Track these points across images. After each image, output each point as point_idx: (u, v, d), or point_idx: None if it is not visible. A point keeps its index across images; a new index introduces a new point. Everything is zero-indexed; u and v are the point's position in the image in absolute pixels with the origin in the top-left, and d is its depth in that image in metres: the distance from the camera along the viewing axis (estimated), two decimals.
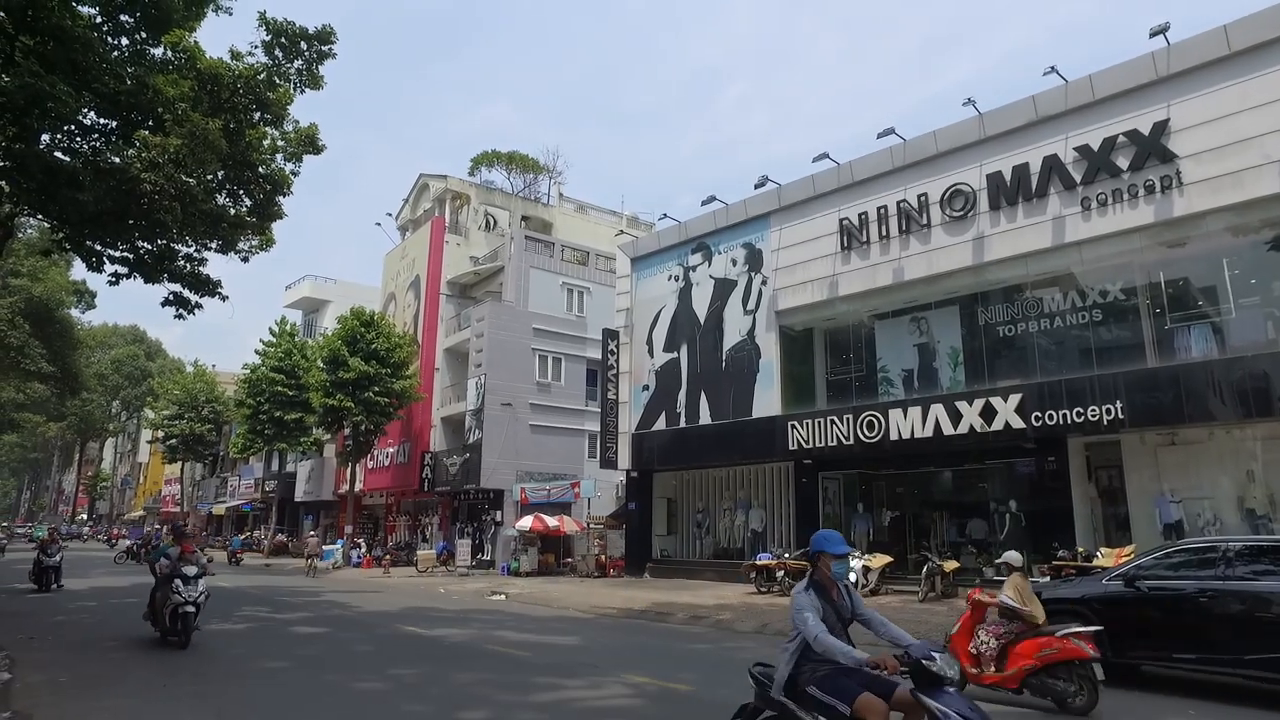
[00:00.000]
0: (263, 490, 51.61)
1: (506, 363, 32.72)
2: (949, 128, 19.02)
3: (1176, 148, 15.50)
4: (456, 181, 40.92)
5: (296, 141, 17.20)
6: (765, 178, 22.42)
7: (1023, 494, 17.75)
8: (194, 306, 17.90)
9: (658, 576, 23.82)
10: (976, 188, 18.26)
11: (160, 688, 8.38)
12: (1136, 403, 15.34)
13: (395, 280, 41.97)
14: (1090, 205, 16.47)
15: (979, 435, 17.27)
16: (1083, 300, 17.42)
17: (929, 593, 16.45)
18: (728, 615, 15.15)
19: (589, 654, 11.32)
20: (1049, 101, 17.33)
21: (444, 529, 35.03)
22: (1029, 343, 18.10)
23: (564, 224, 41.65)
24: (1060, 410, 16.18)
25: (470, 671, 9.52)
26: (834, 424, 19.79)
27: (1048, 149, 17.21)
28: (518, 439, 32.38)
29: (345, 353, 32.67)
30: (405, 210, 44.34)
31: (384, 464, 38.90)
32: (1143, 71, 16.11)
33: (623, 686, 8.68)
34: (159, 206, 15.07)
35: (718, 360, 23.51)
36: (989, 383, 18.07)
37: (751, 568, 19.46)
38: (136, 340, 79.23)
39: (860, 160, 20.68)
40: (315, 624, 14.32)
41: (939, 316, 19.81)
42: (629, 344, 26.42)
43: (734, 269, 23.51)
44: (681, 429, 24.17)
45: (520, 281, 34.75)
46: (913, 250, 19.23)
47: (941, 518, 20.12)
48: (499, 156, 45.10)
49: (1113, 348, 16.87)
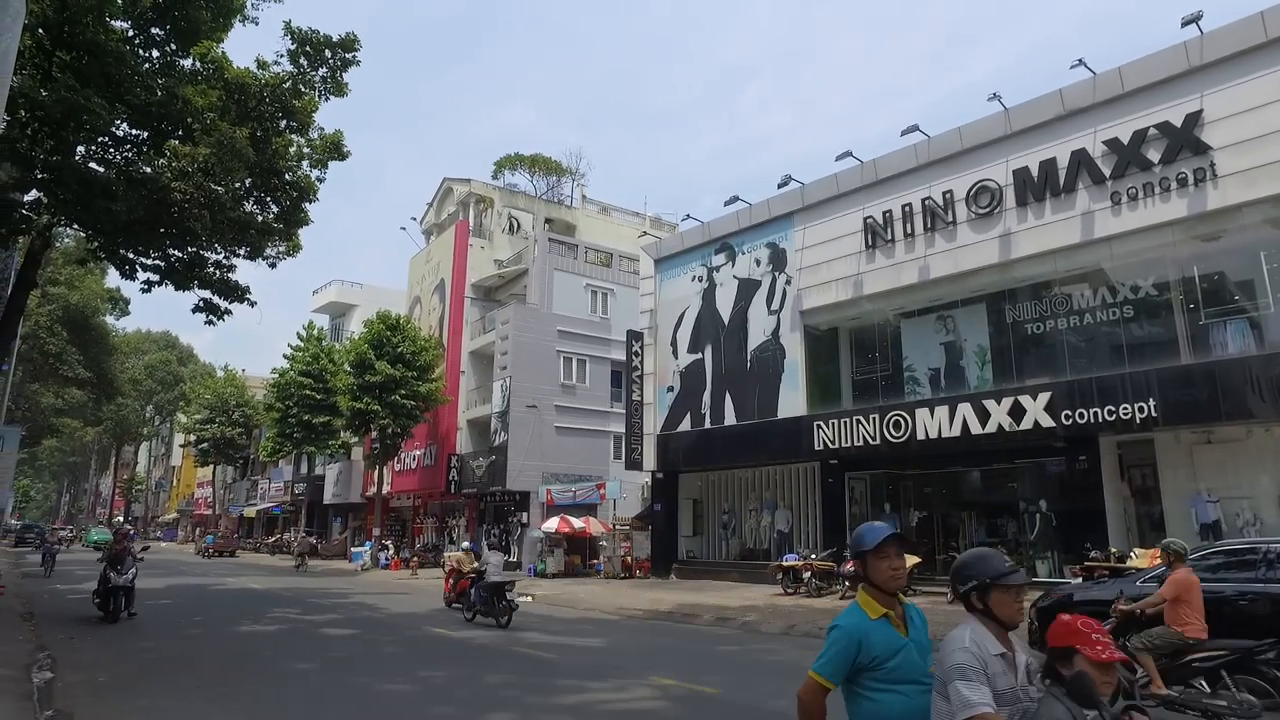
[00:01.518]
0: (292, 493, 52.29)
1: (531, 365, 32.84)
2: (974, 123, 18.81)
3: (1210, 139, 15.18)
4: (480, 185, 41.18)
5: (322, 148, 17.41)
6: (788, 177, 22.31)
7: (1053, 494, 17.49)
8: (223, 312, 18.18)
9: (684, 578, 23.79)
10: (1003, 184, 18.03)
11: (193, 689, 8.51)
12: (1170, 400, 15.05)
13: (420, 284, 42.31)
14: (1120, 200, 16.19)
15: (1007, 434, 17.04)
16: (1113, 296, 17.13)
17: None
18: (754, 617, 15.09)
19: (615, 656, 11.33)
20: (1077, 95, 17.06)
21: (471, 531, 35.23)
22: (1058, 340, 17.84)
23: (587, 226, 41.74)
24: (1091, 408, 15.91)
25: (497, 673, 9.56)
26: (860, 424, 19.63)
27: (1076, 143, 16.94)
28: (543, 441, 32.49)
29: (372, 356, 32.99)
30: (429, 214, 44.69)
31: (411, 466, 39.23)
32: (1174, 62, 15.79)
33: (649, 689, 8.67)
34: (189, 215, 15.34)
35: (742, 360, 23.43)
36: (1017, 381, 17.83)
37: (778, 569, 19.37)
38: (169, 346, 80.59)
39: (884, 158, 20.50)
40: (344, 625, 14.47)
41: (966, 314, 19.58)
42: (653, 345, 26.41)
43: (758, 269, 23.41)
44: (706, 430, 24.11)
45: (544, 284, 34.86)
46: (938, 248, 19.03)
47: (970, 518, 19.87)
48: (522, 159, 45.36)
49: (1145, 344, 16.57)
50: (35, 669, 9.35)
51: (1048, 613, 9.44)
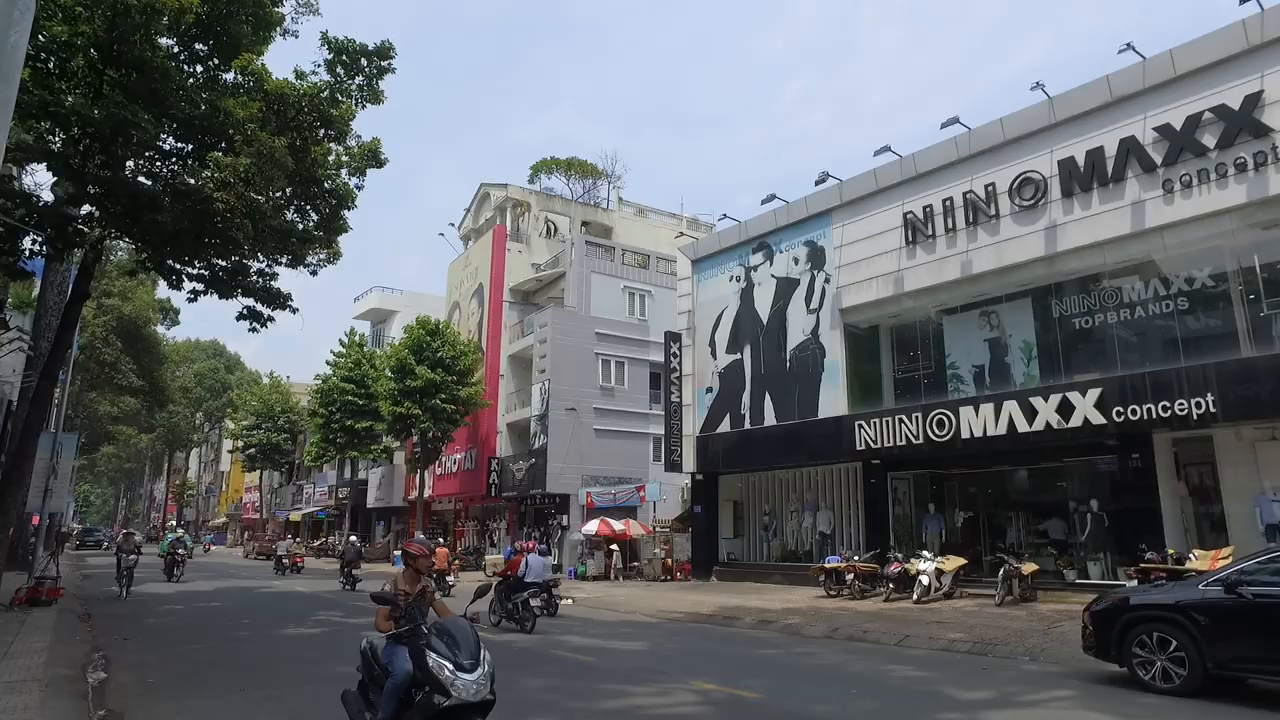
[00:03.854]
0: (336, 497, 53.14)
1: (570, 368, 32.93)
2: (1016, 114, 18.35)
3: (1271, 121, 14.55)
4: (517, 190, 41.45)
5: (359, 156, 17.60)
6: (826, 174, 22.03)
7: (1104, 493, 16.96)
8: (266, 320, 18.46)
9: (724, 580, 23.59)
10: (1047, 175, 17.56)
11: (239, 690, 8.62)
12: (1230, 395, 14.48)
13: (459, 289, 42.71)
14: (1173, 188, 15.64)
15: (1056, 432, 16.57)
16: (1166, 288, 16.55)
17: (1006, 596, 15.86)
18: (796, 619, 14.88)
19: (656, 659, 11.23)
20: (1125, 81, 16.54)
21: (511, 534, 35.42)
22: (1108, 334, 17.30)
23: (624, 228, 41.77)
24: (1144, 405, 15.39)
25: (537, 677, 9.52)
26: (903, 423, 19.27)
27: (1124, 131, 16.42)
28: (582, 443, 32.54)
29: (412, 361, 33.35)
30: (467, 220, 45.11)
31: (452, 470, 39.58)
32: (1232, 41, 15.19)
33: (690, 694, 8.56)
34: (231, 224, 15.61)
35: (781, 360, 23.17)
36: (1065, 377, 17.33)
37: (820, 570, 19.08)
38: (217, 354, 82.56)
39: (923, 152, 20.12)
40: None
41: (1010, 310, 19.11)
42: (691, 346, 26.27)
43: (796, 267, 23.15)
44: (746, 430, 23.89)
45: (581, 286, 34.94)
46: (981, 242, 18.61)
47: (1018, 518, 19.37)
48: (558, 163, 45.57)
49: (1201, 337, 15.97)
50: (90, 669, 9.57)
51: (1101, 617, 9.11)
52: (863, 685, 9.11)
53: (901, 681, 9.40)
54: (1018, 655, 10.87)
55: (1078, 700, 8.14)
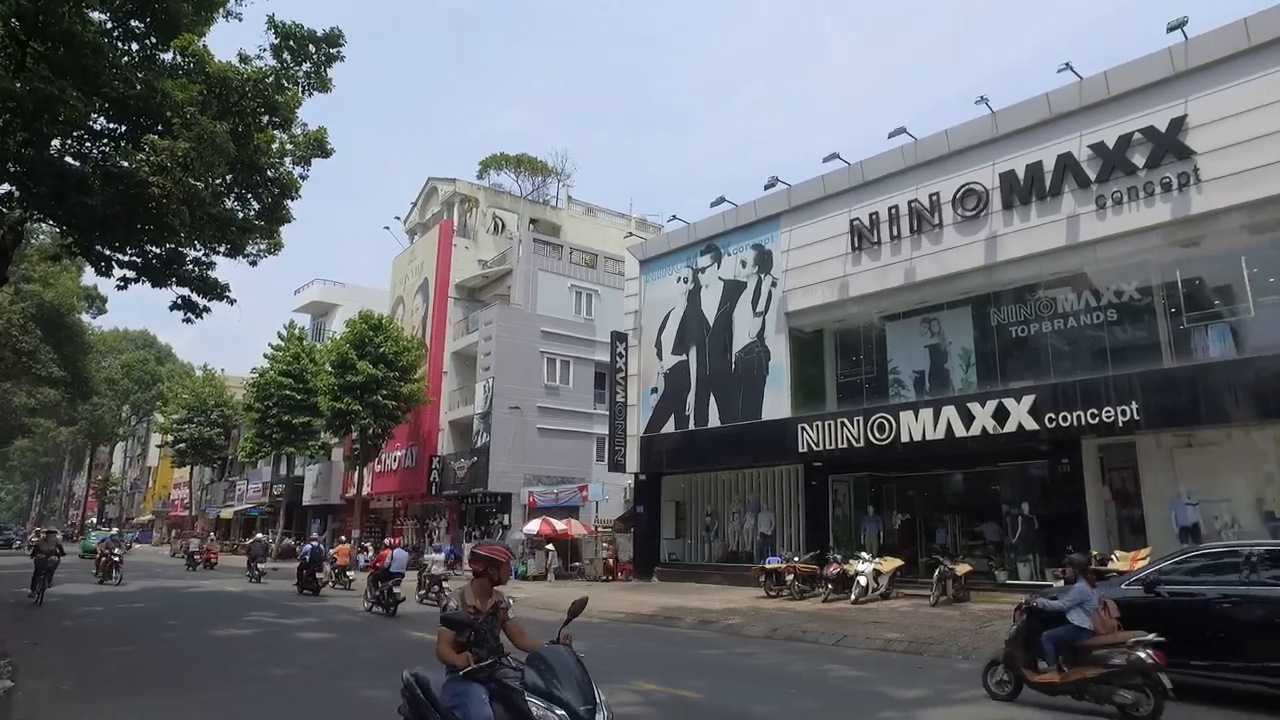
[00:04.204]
0: (271, 494, 51.73)
1: (514, 366, 32.67)
2: (961, 126, 18.83)
3: (1194, 144, 15.25)
4: (465, 185, 40.96)
5: (305, 145, 17.18)
6: (775, 178, 22.27)
7: (1035, 496, 17.52)
8: (202, 310, 17.89)
9: (666, 580, 23.67)
10: (989, 187, 18.06)
11: (164, 696, 8.30)
12: (1152, 404, 15.10)
13: (403, 284, 42.01)
14: (1105, 204, 16.25)
15: (991, 437, 17.05)
16: (1097, 300, 17.19)
17: (941, 596, 16.24)
18: (737, 619, 15.00)
19: (596, 660, 11.17)
20: (1063, 99, 17.12)
21: (451, 533, 34.96)
22: (1042, 343, 17.88)
23: (572, 226, 41.61)
24: (1074, 411, 15.94)
25: None
26: (844, 426, 19.60)
27: (1062, 147, 16.99)
28: (525, 442, 32.30)
29: (353, 356, 32.66)
30: (414, 214, 44.41)
31: (392, 468, 38.89)
32: (1160, 67, 15.86)
33: (631, 694, 8.54)
34: (167, 210, 15.07)
35: (727, 362, 23.35)
36: (1002, 384, 17.85)
37: (761, 571, 19.28)
38: (146, 345, 79.60)
39: (871, 160, 20.50)
40: (322, 629, 14.24)
41: (951, 317, 19.61)
42: (638, 346, 26.29)
43: (743, 270, 23.36)
44: (690, 431, 24.01)
45: (528, 284, 34.70)
46: (924, 250, 19.04)
47: (953, 520, 19.89)
48: (507, 159, 45.17)
49: (1128, 348, 16.63)
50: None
51: (1032, 615, 9.39)
52: (802, 685, 9.22)
53: (840, 681, 9.54)
54: (951, 654, 11.14)
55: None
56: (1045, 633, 7.90)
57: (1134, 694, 7.24)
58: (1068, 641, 7.74)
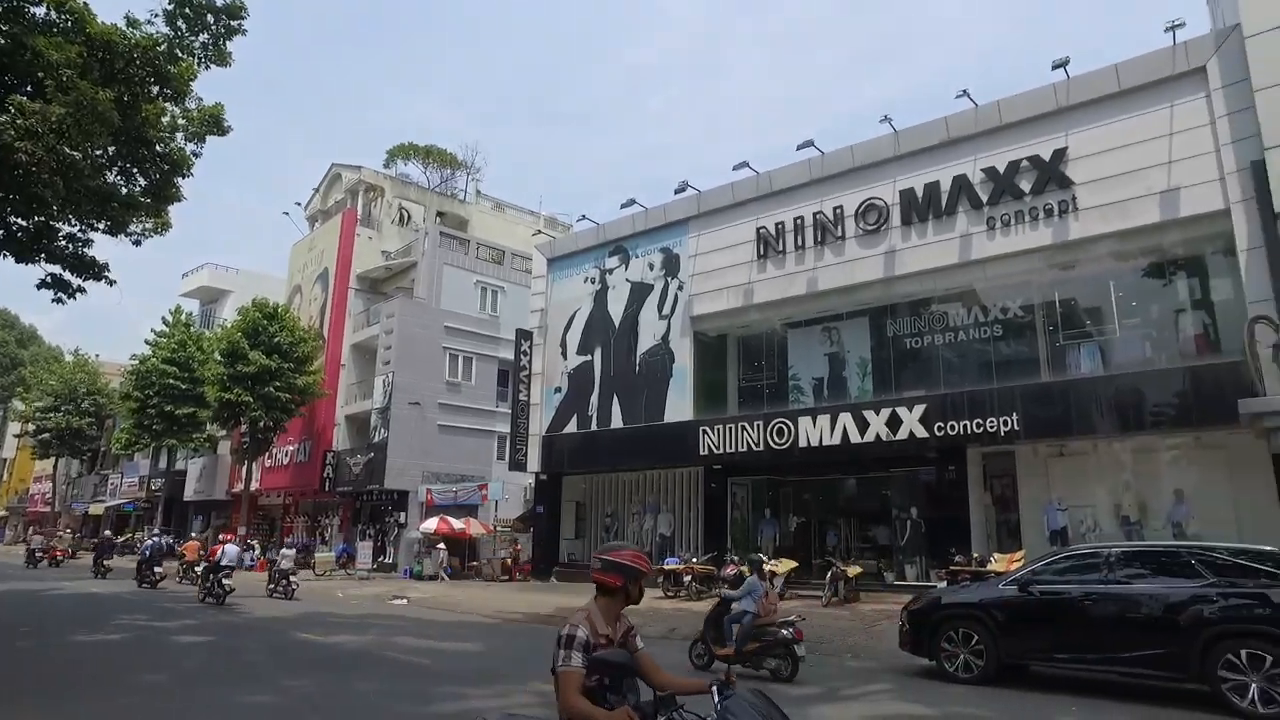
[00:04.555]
0: (148, 489, 48.70)
1: (416, 361, 31.90)
2: (865, 143, 19.53)
3: (1073, 175, 16.32)
4: (370, 173, 39.75)
5: (199, 120, 16.22)
6: (685, 183, 22.53)
7: (923, 501, 18.33)
8: (75, 290, 16.65)
9: (565, 580, 23.56)
10: (890, 203, 18.79)
11: (17, 711, 7.68)
12: (1030, 415, 16.04)
13: (302, 272, 40.38)
14: (994, 225, 17.17)
15: (884, 444, 17.73)
16: (984, 316, 18.15)
17: (832, 597, 16.76)
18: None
19: (493, 661, 11.04)
20: (960, 123, 18.00)
21: (345, 531, 33.82)
22: (934, 355, 18.73)
23: (480, 221, 40.98)
24: (961, 421, 16.76)
25: (369, 681, 9.12)
26: (745, 430, 19.99)
27: (957, 169, 17.86)
28: (425, 439, 31.59)
29: (245, 346, 31.15)
30: (315, 200, 42.78)
31: (283, 462, 37.29)
32: (1045, 101, 16.91)
33: (530, 695, 8.45)
34: (37, 180, 13.92)
35: (631, 364, 23.46)
36: (895, 393, 18.59)
37: (659, 572, 19.45)
38: (7, 325, 73.68)
39: (779, 171, 21.00)
40: (199, 632, 13.49)
41: (850, 327, 20.29)
42: (542, 345, 26.10)
43: (651, 273, 23.52)
44: (593, 432, 24.00)
45: (433, 278, 33.95)
46: (827, 261, 19.64)
47: (846, 524, 20.59)
48: (416, 150, 44.08)
49: (1011, 362, 17.63)
50: None
51: (917, 616, 9.84)
52: None
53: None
54: (842, 653, 11.51)
55: (894, 693, 8.72)
56: (726, 616, 10.06)
57: (777, 661, 9.53)
58: (738, 621, 9.81)
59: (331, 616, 16.23)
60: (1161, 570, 8.60)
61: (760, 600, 9.86)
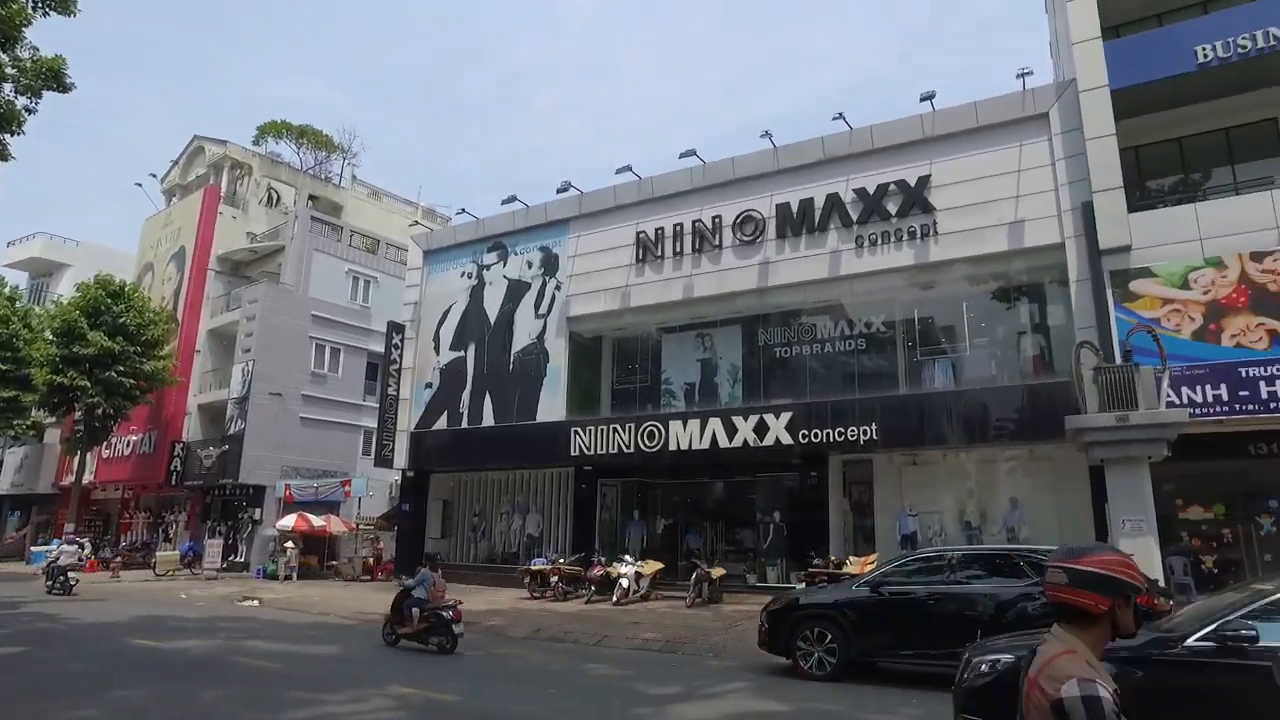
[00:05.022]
0: None
1: (280, 350, 30.30)
2: (746, 156, 20.10)
3: (935, 201, 17.41)
4: (238, 149, 37.43)
5: (34, 73, 14.82)
6: (568, 183, 22.48)
7: (786, 506, 19.03)
8: None
9: None
10: (766, 216, 19.42)
11: None
12: (888, 425, 16.97)
13: (155, 249, 37.52)
14: (863, 243, 18.07)
15: (752, 449, 18.28)
16: (850, 329, 19.05)
17: (696, 598, 17.12)
18: (499, 621, 14.90)
19: (350, 664, 10.64)
20: (836, 145, 18.83)
21: (191, 528, 31.69)
22: (801, 365, 19.49)
23: (355, 208, 39.39)
24: (825, 429, 17.52)
25: (214, 688, 8.58)
26: (617, 432, 20.14)
27: (831, 187, 18.66)
28: (286, 432, 30.04)
29: (84, 325, 28.64)
30: (174, 173, 39.86)
31: (124, 454, 34.47)
32: (913, 130, 17.95)
33: (386, 699, 8.20)
34: None
35: (505, 362, 23.18)
36: (764, 400, 19.21)
37: (526, 573, 19.32)
38: None
39: (661, 177, 21.30)
40: (11, 642, 12.18)
41: (723, 334, 20.82)
42: (415, 339, 25.38)
43: (529, 271, 23.33)
44: (464, 429, 23.54)
45: (302, 264, 32.36)
46: (704, 269, 20.07)
47: (712, 526, 21.09)
48: (289, 128, 41.88)
49: (872, 374, 18.60)
50: None
51: (775, 616, 10.21)
52: (562, 685, 9.33)
53: (599, 680, 9.76)
54: (703, 652, 11.78)
55: (751, 691, 9.01)
56: (405, 601, 12.10)
57: (439, 639, 11.64)
58: (415, 606, 11.92)
59: (172, 620, 15.17)
60: (995, 571, 9.38)
61: (430, 588, 12.11)
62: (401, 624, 12.13)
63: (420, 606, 11.95)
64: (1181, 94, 16.00)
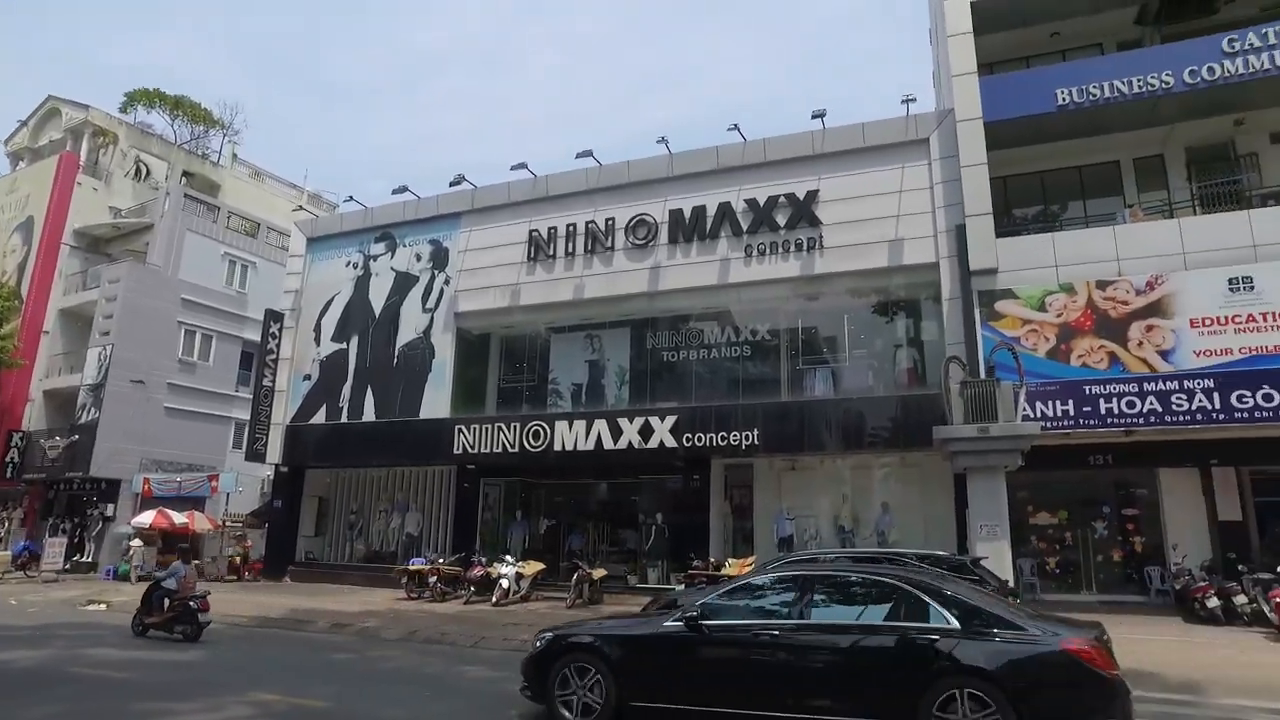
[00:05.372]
0: None
1: (143, 334, 28.33)
2: (642, 161, 20.27)
3: (822, 215, 18.09)
4: (101, 115, 34.75)
5: None
6: (461, 176, 22.07)
7: (669, 508, 19.30)
8: None
9: (300, 580, 22.04)
10: (659, 220, 19.65)
11: None
12: (769, 431, 17.48)
13: None
14: (751, 252, 18.55)
15: (636, 451, 18.44)
16: (736, 336, 19.54)
17: (577, 599, 17.10)
18: (374, 622, 14.44)
19: (209, 670, 10.06)
20: (729, 155, 19.26)
21: (30, 525, 29.20)
22: (688, 369, 19.82)
23: (234, 188, 37.31)
24: (708, 433, 17.87)
25: (46, 703, 7.93)
26: (501, 431, 19.90)
27: (723, 196, 19.08)
28: (148, 422, 28.11)
29: None
30: (22, 134, 36.66)
31: None
32: (804, 145, 18.60)
33: (247, 707, 7.80)
34: None
35: (389, 356, 22.52)
36: (650, 403, 19.43)
37: (404, 572, 18.81)
38: None
39: (556, 176, 21.21)
40: None
41: (612, 336, 20.92)
42: (294, 329, 24.29)
43: (417, 264, 22.75)
44: (343, 424, 22.71)
45: (172, 244, 30.38)
46: (595, 270, 20.12)
47: (596, 527, 21.14)
48: (163, 98, 39.14)
49: (756, 381, 19.12)
50: None
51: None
52: (437, 687, 9.13)
53: (474, 682, 9.61)
54: None
55: None
56: (155, 592, 12.69)
57: (184, 627, 12.26)
58: (165, 596, 12.51)
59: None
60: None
61: (181, 580, 12.65)
62: (150, 614, 12.62)
63: (170, 596, 12.48)
64: (1045, 132, 17.31)
